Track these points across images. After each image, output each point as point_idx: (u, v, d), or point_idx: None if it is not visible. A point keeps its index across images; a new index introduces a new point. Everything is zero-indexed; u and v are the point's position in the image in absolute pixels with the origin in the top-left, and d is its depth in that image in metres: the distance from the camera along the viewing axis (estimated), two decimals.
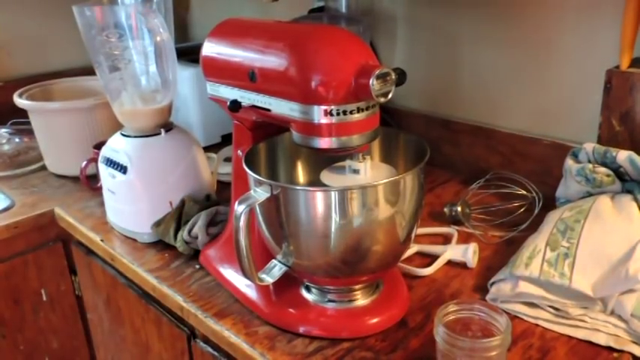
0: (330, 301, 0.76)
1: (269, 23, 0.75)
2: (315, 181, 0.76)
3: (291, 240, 0.69)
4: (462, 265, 0.86)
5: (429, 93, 1.21)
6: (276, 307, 0.77)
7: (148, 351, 1.04)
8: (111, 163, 1.00)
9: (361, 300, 0.76)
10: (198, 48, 0.82)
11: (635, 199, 0.81)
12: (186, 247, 0.92)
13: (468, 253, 0.86)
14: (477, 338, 0.62)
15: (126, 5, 0.94)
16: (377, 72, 0.61)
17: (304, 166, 0.84)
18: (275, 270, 0.73)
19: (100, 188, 1.07)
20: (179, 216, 0.96)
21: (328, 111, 0.63)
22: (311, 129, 0.65)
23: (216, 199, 1.03)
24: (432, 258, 0.88)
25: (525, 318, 0.74)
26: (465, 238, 0.93)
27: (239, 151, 0.81)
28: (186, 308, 0.82)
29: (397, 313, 0.76)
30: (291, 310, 0.76)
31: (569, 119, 1.02)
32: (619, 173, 0.84)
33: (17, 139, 1.43)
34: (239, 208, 0.65)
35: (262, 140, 0.79)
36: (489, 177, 1.02)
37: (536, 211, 0.93)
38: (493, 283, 0.78)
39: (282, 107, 0.67)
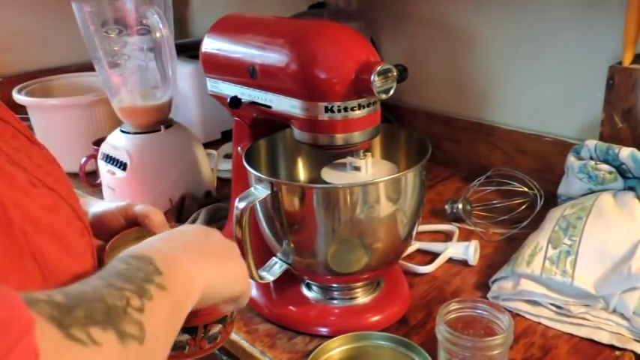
0: (330, 299, 0.76)
1: (269, 19, 0.75)
2: (316, 179, 0.76)
3: (292, 237, 0.69)
4: (463, 263, 0.86)
5: (430, 90, 1.21)
6: (276, 304, 0.76)
7: None
8: (110, 159, 0.99)
9: (362, 298, 0.76)
10: (197, 44, 0.81)
11: (638, 197, 0.80)
12: None
13: (469, 251, 0.85)
14: (479, 337, 0.62)
15: (125, 1, 0.93)
16: (378, 68, 0.60)
17: (305, 163, 0.84)
18: (275, 267, 0.72)
19: (100, 185, 1.06)
20: (179, 213, 0.96)
21: (329, 108, 0.63)
22: (312, 126, 0.65)
23: (216, 196, 1.03)
24: (433, 255, 0.87)
25: (527, 316, 0.73)
26: (466, 236, 0.93)
27: (239, 148, 0.80)
28: None
29: (398, 310, 0.75)
30: (291, 307, 0.76)
31: (571, 116, 1.01)
32: (621, 170, 0.84)
33: None
34: (239, 205, 0.64)
35: (263, 137, 0.78)
36: (490, 174, 1.02)
37: (537, 209, 0.92)
38: (494, 281, 0.78)
39: (282, 104, 0.67)
